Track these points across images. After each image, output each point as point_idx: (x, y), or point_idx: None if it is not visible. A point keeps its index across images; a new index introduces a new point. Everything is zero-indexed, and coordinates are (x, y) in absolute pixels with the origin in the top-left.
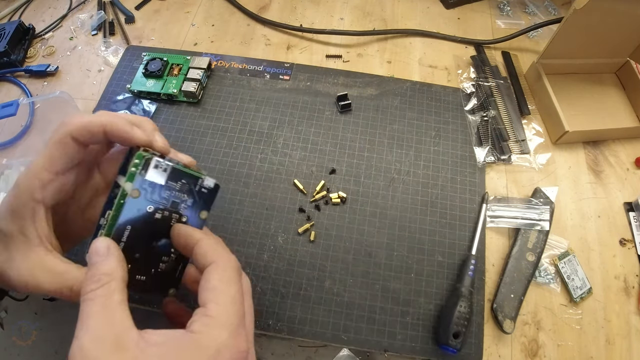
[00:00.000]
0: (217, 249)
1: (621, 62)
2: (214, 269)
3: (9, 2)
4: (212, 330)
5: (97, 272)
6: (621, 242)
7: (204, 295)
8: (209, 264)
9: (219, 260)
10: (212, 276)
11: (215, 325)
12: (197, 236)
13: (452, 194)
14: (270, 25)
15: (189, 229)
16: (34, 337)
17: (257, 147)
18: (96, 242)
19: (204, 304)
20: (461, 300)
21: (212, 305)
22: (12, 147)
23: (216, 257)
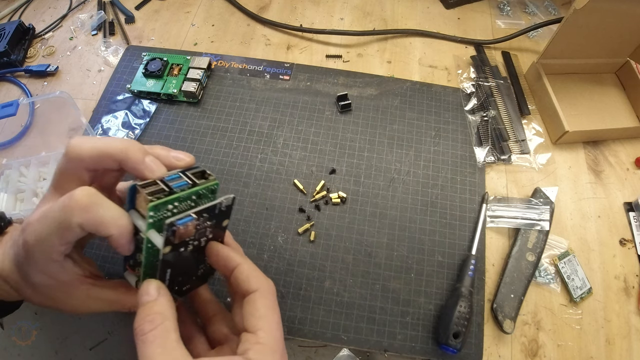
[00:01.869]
0: (257, 275)
1: (621, 62)
2: (259, 297)
3: (9, 2)
4: (265, 357)
5: (151, 312)
6: (621, 242)
7: (252, 322)
8: (252, 290)
9: (262, 287)
10: (259, 304)
11: (267, 352)
12: (237, 260)
13: (452, 194)
14: (270, 25)
15: (227, 251)
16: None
17: (257, 147)
18: (147, 284)
19: (254, 331)
20: (461, 300)
21: (262, 333)
22: (12, 147)
23: (259, 284)
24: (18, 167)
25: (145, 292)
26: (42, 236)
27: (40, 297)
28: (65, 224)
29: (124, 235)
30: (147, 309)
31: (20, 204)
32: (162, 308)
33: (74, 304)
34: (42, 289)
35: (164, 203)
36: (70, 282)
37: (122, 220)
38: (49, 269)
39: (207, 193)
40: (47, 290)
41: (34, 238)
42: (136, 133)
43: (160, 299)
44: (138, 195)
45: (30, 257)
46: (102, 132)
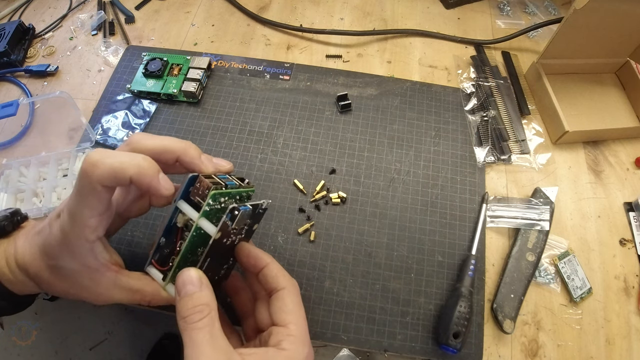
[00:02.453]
0: (284, 274)
1: (621, 62)
2: (288, 294)
3: (9, 2)
4: (298, 347)
5: (198, 303)
6: (621, 242)
7: (282, 316)
8: (281, 287)
9: (289, 285)
10: (288, 300)
11: (299, 343)
12: (267, 260)
13: (452, 194)
14: (270, 25)
15: (258, 251)
16: (34, 337)
17: (257, 147)
18: (188, 272)
19: (285, 324)
20: (461, 300)
21: (293, 326)
22: (12, 147)
23: (286, 282)
24: (18, 167)
25: (189, 281)
26: (74, 212)
27: (64, 285)
28: (87, 189)
29: (146, 171)
30: (194, 299)
31: (20, 204)
32: (208, 299)
33: (99, 291)
34: (70, 275)
35: (220, 194)
36: (98, 268)
37: (136, 158)
38: (81, 251)
39: (245, 197)
40: (75, 276)
41: (67, 217)
42: (136, 133)
43: (205, 290)
44: (198, 185)
45: (65, 240)
46: (102, 132)
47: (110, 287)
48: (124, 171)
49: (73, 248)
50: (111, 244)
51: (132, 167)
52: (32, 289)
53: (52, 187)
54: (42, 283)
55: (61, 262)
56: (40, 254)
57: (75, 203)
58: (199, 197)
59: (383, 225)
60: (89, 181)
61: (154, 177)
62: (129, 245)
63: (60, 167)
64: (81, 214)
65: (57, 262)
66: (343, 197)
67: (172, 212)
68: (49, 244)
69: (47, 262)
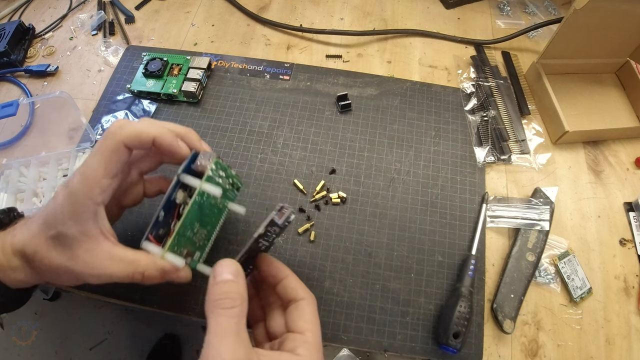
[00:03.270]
0: (303, 286)
1: (621, 62)
2: (307, 305)
3: (9, 2)
4: (312, 354)
5: (233, 290)
6: (621, 242)
7: (300, 324)
8: (300, 298)
9: (307, 296)
10: (307, 310)
11: (313, 350)
12: (287, 272)
13: (452, 194)
14: (270, 25)
15: (279, 263)
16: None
17: (257, 147)
18: (228, 261)
19: (302, 332)
20: (461, 300)
21: (309, 334)
22: (12, 147)
23: (305, 294)
24: (18, 167)
25: (228, 270)
26: (87, 171)
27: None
28: (110, 148)
29: (167, 134)
30: (229, 286)
31: (20, 204)
32: (243, 291)
33: (94, 262)
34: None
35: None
36: (97, 236)
37: (157, 124)
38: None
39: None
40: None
41: (78, 178)
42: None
43: (242, 281)
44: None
45: (71, 201)
46: (102, 132)
47: (105, 258)
48: (148, 133)
49: (77, 209)
50: None
51: (154, 131)
52: (26, 279)
53: (52, 187)
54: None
55: (62, 229)
56: (40, 228)
57: (91, 163)
58: (201, 168)
59: (383, 225)
60: (113, 141)
61: (173, 139)
62: None
63: (60, 167)
64: (95, 173)
65: (57, 230)
66: (343, 197)
67: (173, 186)
68: (52, 213)
69: (46, 234)
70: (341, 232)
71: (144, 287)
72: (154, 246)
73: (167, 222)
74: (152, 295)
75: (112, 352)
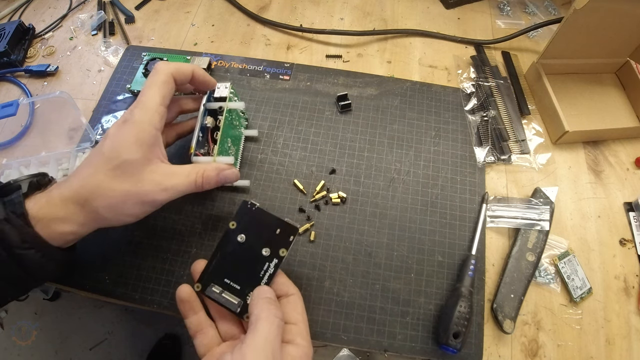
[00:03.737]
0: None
1: (621, 62)
2: (298, 299)
3: (9, 2)
4: (308, 343)
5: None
6: (621, 242)
7: (294, 315)
8: (291, 293)
9: (297, 292)
10: (299, 303)
11: (303, 338)
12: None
13: (452, 194)
14: (270, 25)
15: None
16: (34, 337)
17: (257, 147)
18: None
19: (296, 323)
20: (461, 300)
21: (303, 325)
22: (12, 147)
23: (295, 290)
24: (18, 167)
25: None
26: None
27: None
28: (161, 80)
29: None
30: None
31: None
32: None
33: (160, 179)
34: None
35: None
36: (158, 158)
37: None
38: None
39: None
40: (137, 169)
41: (139, 110)
42: None
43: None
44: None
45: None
46: (102, 132)
47: (168, 173)
48: (187, 68)
49: (142, 135)
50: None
51: (191, 67)
52: (75, 229)
53: None
54: (100, 198)
55: (126, 156)
56: (99, 164)
57: (149, 94)
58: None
59: (383, 225)
60: (164, 73)
61: (206, 74)
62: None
63: (60, 167)
64: (153, 102)
65: (121, 159)
66: (343, 197)
67: (202, 115)
68: (112, 147)
69: (108, 167)
70: (341, 232)
71: (144, 287)
72: (202, 157)
73: (204, 144)
74: (152, 295)
75: (112, 352)
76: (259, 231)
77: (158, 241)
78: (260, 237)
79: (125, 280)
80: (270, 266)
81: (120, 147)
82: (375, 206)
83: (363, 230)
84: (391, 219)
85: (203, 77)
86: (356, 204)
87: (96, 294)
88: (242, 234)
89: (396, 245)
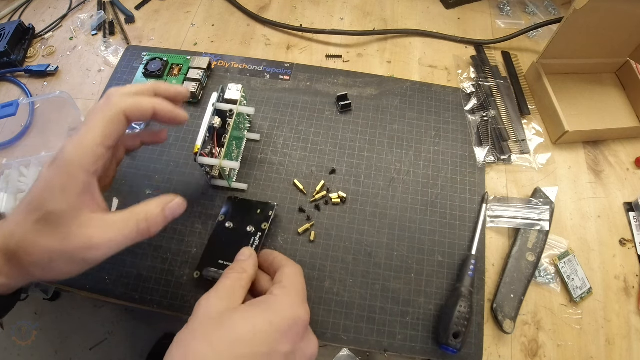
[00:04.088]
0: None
1: (621, 62)
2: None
3: (9, 2)
4: (287, 297)
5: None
6: (621, 242)
7: (279, 277)
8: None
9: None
10: (286, 270)
11: (289, 294)
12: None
13: (452, 194)
14: (270, 25)
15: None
16: (34, 337)
17: (257, 147)
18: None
19: (280, 281)
20: (461, 300)
21: (287, 282)
22: (12, 147)
23: (289, 262)
24: (18, 167)
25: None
26: (81, 140)
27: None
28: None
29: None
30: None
31: None
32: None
33: (91, 233)
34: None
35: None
36: (91, 209)
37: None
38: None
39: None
40: (65, 222)
41: (71, 149)
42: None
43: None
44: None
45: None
46: None
47: (102, 225)
48: (147, 105)
49: (71, 181)
50: None
51: (151, 103)
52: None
53: None
54: (25, 254)
55: (51, 206)
56: (23, 215)
57: (88, 131)
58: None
59: (383, 225)
60: (114, 110)
61: (174, 108)
62: None
63: None
64: (92, 141)
65: (45, 209)
66: (343, 197)
67: (210, 114)
68: (37, 194)
69: (32, 219)
70: (341, 232)
71: (144, 287)
72: (209, 159)
73: (208, 144)
74: (152, 295)
75: (112, 352)
76: (242, 215)
77: (158, 241)
78: (244, 219)
79: (125, 280)
80: (255, 240)
81: (44, 194)
82: (375, 206)
83: (363, 230)
84: (391, 219)
85: (170, 113)
86: (356, 204)
87: (96, 294)
88: (230, 222)
89: (396, 245)
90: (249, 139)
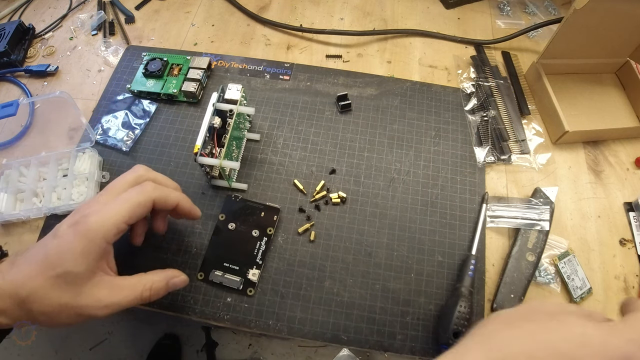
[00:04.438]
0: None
1: (621, 62)
2: None
3: (9, 2)
4: None
5: None
6: (621, 242)
7: None
8: None
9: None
10: None
11: None
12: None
13: (452, 194)
14: (270, 25)
15: None
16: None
17: (257, 147)
18: None
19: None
20: (461, 300)
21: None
22: (12, 147)
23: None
24: (18, 167)
25: None
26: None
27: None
28: (140, 201)
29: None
30: None
31: (21, 204)
32: None
33: (101, 294)
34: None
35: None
36: (103, 269)
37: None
38: (96, 252)
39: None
40: (78, 282)
41: (97, 220)
42: (136, 133)
43: None
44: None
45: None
46: (102, 132)
47: (111, 288)
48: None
49: (91, 248)
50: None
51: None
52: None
53: (52, 187)
54: (36, 303)
55: (69, 267)
56: (39, 268)
57: (116, 209)
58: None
59: (383, 225)
60: (146, 196)
61: (192, 206)
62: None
63: (60, 167)
64: (118, 218)
65: (63, 269)
66: (343, 197)
67: (211, 115)
68: (56, 252)
69: (48, 274)
70: (341, 232)
71: None
72: (209, 159)
73: (208, 144)
74: None
75: (112, 352)
76: (246, 217)
77: (158, 241)
78: (248, 222)
79: None
80: (261, 244)
81: (65, 255)
82: (375, 206)
83: (363, 230)
84: (391, 219)
85: (188, 210)
86: (356, 204)
87: None
88: (232, 223)
89: (396, 245)
90: (249, 139)
